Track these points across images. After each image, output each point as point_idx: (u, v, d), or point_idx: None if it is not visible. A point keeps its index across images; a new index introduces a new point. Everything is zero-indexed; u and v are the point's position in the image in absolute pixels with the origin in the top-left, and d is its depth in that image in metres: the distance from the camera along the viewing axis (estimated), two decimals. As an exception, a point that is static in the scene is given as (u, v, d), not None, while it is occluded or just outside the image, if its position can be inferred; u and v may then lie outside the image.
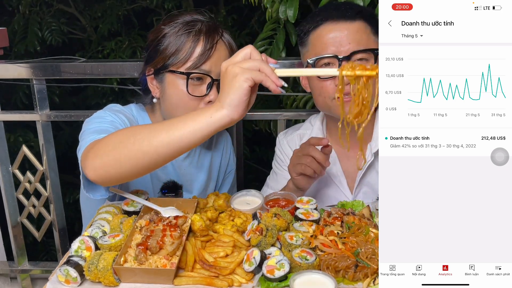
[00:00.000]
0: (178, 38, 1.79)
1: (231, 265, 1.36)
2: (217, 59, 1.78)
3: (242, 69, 1.30)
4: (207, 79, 1.78)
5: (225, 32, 1.87)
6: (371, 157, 1.90)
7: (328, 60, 1.79)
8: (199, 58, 1.77)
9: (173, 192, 1.93)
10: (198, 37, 1.78)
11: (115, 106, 1.89)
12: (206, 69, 1.77)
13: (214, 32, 1.81)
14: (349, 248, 1.41)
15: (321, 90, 1.82)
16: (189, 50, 1.77)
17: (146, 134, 1.37)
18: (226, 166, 2.14)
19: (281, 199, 1.71)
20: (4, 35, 2.62)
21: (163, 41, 1.81)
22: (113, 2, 4.61)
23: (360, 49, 1.76)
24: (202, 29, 1.80)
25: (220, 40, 1.82)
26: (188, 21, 1.82)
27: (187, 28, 1.80)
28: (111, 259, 1.32)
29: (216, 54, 1.78)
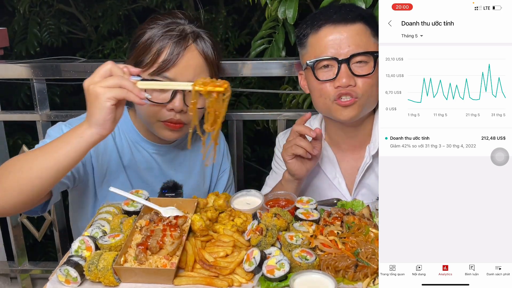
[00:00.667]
0: (150, 40, 1.73)
1: (231, 265, 1.36)
2: (185, 67, 1.71)
3: (103, 88, 1.38)
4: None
5: (204, 40, 1.77)
6: (370, 159, 1.90)
7: (327, 62, 1.78)
8: (163, 63, 1.70)
9: (173, 192, 1.93)
10: (166, 41, 1.71)
11: (77, 119, 1.86)
12: (169, 77, 1.71)
13: (184, 38, 1.72)
14: (349, 248, 1.41)
15: (321, 92, 1.82)
16: (155, 54, 1.71)
17: (28, 161, 1.46)
18: (219, 165, 2.12)
19: (281, 199, 1.71)
20: (4, 35, 2.62)
21: (138, 40, 1.77)
22: (113, 2, 4.61)
23: (359, 51, 1.75)
24: (173, 34, 1.72)
25: (191, 47, 1.73)
26: (167, 23, 1.75)
27: (162, 30, 1.73)
28: (111, 259, 1.33)
29: (183, 61, 1.71)
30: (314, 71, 1.80)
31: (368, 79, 1.77)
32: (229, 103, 1.42)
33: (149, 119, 1.77)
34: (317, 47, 1.80)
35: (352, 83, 1.75)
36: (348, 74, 1.74)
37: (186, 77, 1.70)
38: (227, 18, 4.54)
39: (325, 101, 1.83)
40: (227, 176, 2.13)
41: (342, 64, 1.74)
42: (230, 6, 4.65)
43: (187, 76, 1.71)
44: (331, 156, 1.99)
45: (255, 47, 2.59)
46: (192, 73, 1.72)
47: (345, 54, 1.75)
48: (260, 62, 2.32)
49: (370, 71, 1.76)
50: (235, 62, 2.32)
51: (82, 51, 4.70)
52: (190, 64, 1.72)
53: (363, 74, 1.76)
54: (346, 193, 1.96)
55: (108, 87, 1.38)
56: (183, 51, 1.71)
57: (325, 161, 1.99)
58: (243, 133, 2.56)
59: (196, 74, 1.72)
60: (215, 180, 2.12)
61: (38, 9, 4.51)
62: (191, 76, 1.71)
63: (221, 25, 4.45)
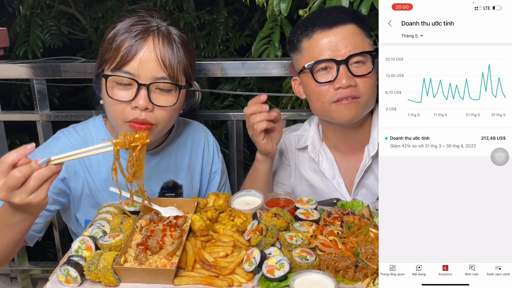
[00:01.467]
0: (113, 37, 1.66)
1: (231, 265, 1.36)
2: (145, 61, 1.62)
3: (28, 196, 1.35)
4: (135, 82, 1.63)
5: (169, 35, 1.67)
6: (369, 160, 1.90)
7: (326, 64, 1.78)
8: (121, 58, 1.62)
9: (173, 192, 1.92)
10: (126, 36, 1.64)
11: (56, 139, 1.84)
12: (130, 71, 1.62)
13: (145, 32, 1.64)
14: (349, 248, 1.41)
15: (319, 95, 1.82)
16: (115, 50, 1.64)
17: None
18: (210, 167, 2.08)
19: (281, 199, 1.71)
20: (4, 35, 2.62)
21: (105, 38, 1.71)
22: (114, 3, 4.61)
23: (356, 52, 1.76)
24: (135, 29, 1.65)
25: (150, 40, 1.63)
26: (132, 20, 1.68)
27: (125, 26, 1.66)
28: (111, 259, 1.33)
29: (142, 55, 1.61)
30: (313, 74, 1.79)
31: (367, 79, 1.77)
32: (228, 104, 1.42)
33: (116, 121, 1.69)
34: (314, 50, 1.80)
35: (353, 83, 1.75)
36: (347, 74, 1.75)
37: (147, 72, 1.61)
38: (227, 19, 4.55)
39: (323, 104, 1.83)
40: (219, 176, 2.10)
41: (341, 65, 1.74)
42: (230, 7, 4.66)
43: (149, 71, 1.62)
44: (330, 157, 1.99)
45: (256, 48, 2.59)
46: (153, 67, 1.62)
47: (343, 55, 1.75)
48: (260, 62, 2.32)
49: (369, 70, 1.77)
50: (235, 62, 2.32)
51: (82, 52, 4.71)
52: (150, 58, 1.62)
53: (362, 74, 1.76)
54: (346, 193, 1.97)
55: (32, 192, 1.35)
56: (143, 43, 1.62)
57: (324, 162, 1.99)
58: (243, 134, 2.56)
59: (158, 70, 1.63)
60: (207, 182, 2.09)
61: (39, 11, 4.51)
62: (154, 71, 1.62)
63: (222, 26, 4.45)
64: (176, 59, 1.66)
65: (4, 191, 1.34)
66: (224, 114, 2.52)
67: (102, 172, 1.84)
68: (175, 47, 1.67)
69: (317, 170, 2.02)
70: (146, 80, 1.62)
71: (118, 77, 1.63)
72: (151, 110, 1.64)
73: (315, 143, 2.02)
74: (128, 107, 1.64)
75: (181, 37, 1.70)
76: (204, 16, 4.48)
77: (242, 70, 2.32)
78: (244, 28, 4.66)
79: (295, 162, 2.10)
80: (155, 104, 1.64)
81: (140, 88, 1.62)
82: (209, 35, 4.45)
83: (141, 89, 1.62)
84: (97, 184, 1.84)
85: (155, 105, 1.64)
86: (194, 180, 2.02)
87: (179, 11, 4.54)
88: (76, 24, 4.85)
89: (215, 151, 2.10)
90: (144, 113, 1.63)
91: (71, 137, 1.83)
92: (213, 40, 4.40)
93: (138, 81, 1.62)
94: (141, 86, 1.62)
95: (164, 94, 1.66)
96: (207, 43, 4.40)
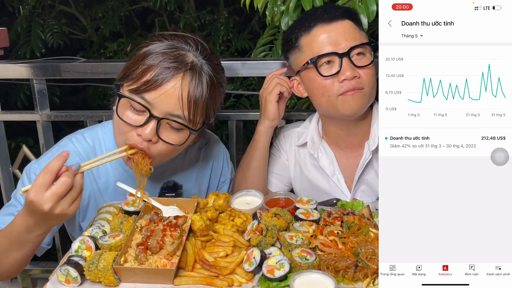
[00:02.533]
0: (144, 55, 1.59)
1: (231, 265, 1.36)
2: (166, 96, 1.54)
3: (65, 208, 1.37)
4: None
5: (201, 74, 1.60)
6: (369, 155, 1.91)
7: (329, 58, 1.80)
8: (144, 83, 1.55)
9: (173, 192, 1.92)
10: (158, 61, 1.56)
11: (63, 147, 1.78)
12: (148, 99, 1.55)
13: (179, 66, 1.56)
14: (349, 248, 1.41)
15: (324, 89, 1.82)
16: (142, 71, 1.56)
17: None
18: (219, 177, 2.06)
19: (281, 199, 1.71)
20: (4, 35, 2.62)
21: (136, 52, 1.64)
22: (114, 3, 4.61)
23: (356, 44, 1.79)
24: (169, 56, 1.57)
25: (180, 75, 1.56)
26: (169, 44, 1.61)
27: (160, 49, 1.59)
28: (111, 259, 1.33)
29: (166, 88, 1.54)
30: (318, 68, 1.81)
31: (369, 69, 1.82)
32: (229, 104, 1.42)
33: (118, 137, 1.65)
34: (314, 46, 1.82)
35: (357, 75, 1.79)
36: (351, 66, 1.78)
37: (164, 106, 1.55)
38: (228, 19, 4.55)
39: (329, 98, 1.83)
40: (226, 186, 2.09)
41: (343, 58, 1.77)
42: (231, 8, 4.66)
43: (166, 106, 1.55)
44: (330, 154, 2.00)
45: (256, 54, 2.60)
46: (171, 104, 1.55)
47: (344, 48, 1.78)
48: (260, 62, 2.32)
49: (370, 61, 1.82)
50: (235, 62, 2.32)
51: (82, 52, 4.71)
52: (173, 94, 1.55)
53: (364, 64, 1.80)
54: (345, 189, 1.97)
55: (72, 201, 1.38)
56: (171, 77, 1.55)
57: (324, 158, 2.00)
58: (243, 134, 2.56)
59: (176, 107, 1.56)
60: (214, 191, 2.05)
61: (40, 11, 4.52)
62: (171, 107, 1.55)
63: (222, 27, 4.46)
64: (201, 101, 1.60)
65: (52, 201, 1.33)
66: (224, 114, 2.52)
67: (110, 183, 1.81)
68: (204, 88, 1.60)
69: (317, 167, 2.02)
70: (160, 113, 1.56)
71: (132, 101, 1.57)
72: (155, 143, 1.60)
73: (314, 140, 2.03)
74: (133, 131, 1.58)
75: (213, 77, 1.64)
76: (204, 17, 4.48)
77: (242, 70, 2.32)
78: (245, 29, 4.67)
79: (295, 158, 2.11)
80: (161, 138, 1.59)
81: (150, 119, 1.56)
82: (210, 36, 4.46)
83: (151, 120, 1.56)
84: (104, 194, 1.82)
85: (160, 139, 1.59)
86: (201, 191, 2.01)
87: (180, 12, 4.55)
88: (76, 24, 4.86)
89: (225, 162, 2.08)
90: (146, 143, 1.59)
91: (79, 144, 1.79)
92: (213, 40, 4.41)
93: (151, 111, 1.55)
94: (152, 118, 1.56)
95: (173, 132, 1.61)
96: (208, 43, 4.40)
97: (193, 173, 1.98)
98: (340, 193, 1.97)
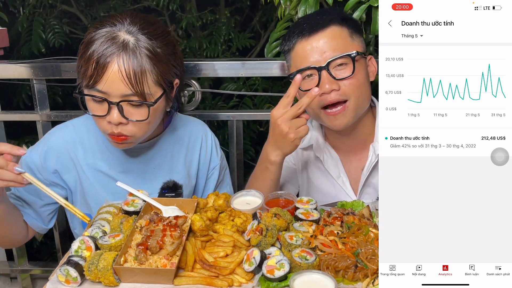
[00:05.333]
0: (83, 52, 1.65)
1: (231, 265, 1.36)
2: (113, 81, 1.59)
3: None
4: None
5: (136, 48, 1.62)
6: (375, 158, 1.90)
7: (310, 72, 1.80)
8: (90, 77, 1.61)
9: (173, 192, 1.92)
10: (93, 52, 1.61)
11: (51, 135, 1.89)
12: (101, 90, 1.61)
13: (112, 49, 1.60)
14: (349, 248, 1.41)
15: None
16: (85, 66, 1.62)
17: None
18: (208, 163, 2.07)
19: (281, 199, 1.71)
20: (4, 35, 2.62)
21: (79, 50, 1.69)
22: (116, 2, 4.61)
23: (336, 56, 1.76)
24: (101, 45, 1.61)
25: (120, 58, 1.59)
26: (102, 34, 1.63)
27: (94, 40, 1.63)
28: (111, 259, 1.33)
29: (112, 75, 1.59)
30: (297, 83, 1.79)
31: (352, 80, 1.78)
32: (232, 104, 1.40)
33: (99, 130, 1.74)
34: (297, 60, 1.83)
35: (336, 87, 1.77)
36: (329, 79, 1.76)
37: (115, 90, 1.60)
38: (229, 19, 4.55)
39: (313, 110, 1.84)
40: (217, 173, 2.09)
41: (322, 71, 1.76)
42: (232, 7, 4.66)
43: (117, 89, 1.60)
44: (334, 156, 1.99)
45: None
46: (120, 86, 1.60)
47: (323, 61, 1.77)
48: (261, 62, 2.32)
49: (351, 72, 1.77)
50: (235, 62, 2.32)
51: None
52: (116, 77, 1.59)
53: (345, 76, 1.77)
54: (351, 192, 1.96)
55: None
56: (108, 62, 1.59)
57: (329, 160, 1.99)
58: (246, 134, 2.56)
59: (125, 88, 1.60)
60: (205, 179, 2.08)
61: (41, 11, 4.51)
62: (121, 89, 1.60)
63: (224, 26, 4.46)
64: (143, 74, 1.62)
65: None
66: (224, 114, 2.52)
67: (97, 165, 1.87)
68: (142, 61, 1.62)
69: (321, 169, 2.02)
70: (115, 98, 1.62)
71: (91, 97, 1.64)
72: (126, 124, 1.66)
73: (319, 142, 2.03)
74: (104, 121, 1.67)
75: (151, 47, 1.65)
76: (206, 16, 4.48)
77: (242, 70, 2.32)
78: (246, 28, 4.67)
79: (301, 162, 2.10)
80: (128, 118, 1.65)
81: (111, 106, 1.63)
82: (211, 35, 4.46)
83: (112, 107, 1.63)
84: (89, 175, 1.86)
85: (128, 120, 1.65)
86: (191, 174, 2.01)
87: (181, 11, 4.55)
88: (77, 23, 4.85)
89: (214, 147, 2.09)
90: (119, 127, 1.66)
91: (66, 131, 1.88)
92: (215, 40, 4.41)
93: (108, 99, 1.62)
94: (111, 104, 1.62)
95: (136, 109, 1.65)
96: (209, 43, 4.41)
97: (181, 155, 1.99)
98: (346, 196, 1.96)
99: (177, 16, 4.50)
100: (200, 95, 2.38)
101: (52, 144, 1.84)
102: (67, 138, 1.86)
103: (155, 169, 1.94)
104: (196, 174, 2.03)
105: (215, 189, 2.06)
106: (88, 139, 1.87)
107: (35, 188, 1.63)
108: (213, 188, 2.07)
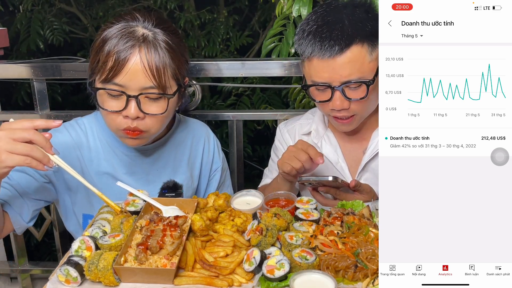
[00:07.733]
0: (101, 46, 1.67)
1: (231, 265, 1.36)
2: (134, 73, 1.63)
3: (7, 154, 1.40)
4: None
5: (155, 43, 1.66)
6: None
7: (321, 87, 1.81)
8: (109, 70, 1.63)
9: (173, 192, 1.92)
10: (112, 46, 1.64)
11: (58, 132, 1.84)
12: (119, 83, 1.63)
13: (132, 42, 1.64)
14: (349, 248, 1.41)
15: (318, 105, 1.91)
16: (102, 60, 1.65)
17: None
18: (210, 165, 2.09)
19: (281, 199, 1.71)
20: (4, 35, 2.62)
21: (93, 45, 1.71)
22: (115, 1, 4.61)
23: (352, 80, 1.74)
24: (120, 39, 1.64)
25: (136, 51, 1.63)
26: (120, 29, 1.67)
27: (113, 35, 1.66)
28: (111, 259, 1.33)
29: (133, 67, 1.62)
30: (310, 92, 1.85)
31: (363, 100, 1.79)
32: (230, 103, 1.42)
33: (111, 127, 1.75)
34: (312, 72, 1.81)
35: (346, 106, 1.80)
36: (341, 98, 1.78)
37: (135, 83, 1.63)
38: (228, 18, 4.56)
39: (324, 112, 1.93)
40: (219, 174, 2.10)
41: (335, 91, 1.78)
42: (230, 7, 4.66)
43: (137, 82, 1.63)
44: (334, 143, 2.02)
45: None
46: (141, 78, 1.63)
47: (338, 81, 1.76)
48: (260, 62, 2.32)
49: (364, 95, 1.77)
50: (235, 61, 2.32)
51: (83, 51, 4.71)
52: (137, 69, 1.63)
53: (357, 98, 1.78)
54: (349, 177, 1.99)
55: (14, 153, 1.40)
56: (129, 54, 1.62)
57: (328, 146, 2.02)
58: (244, 133, 2.56)
59: (145, 80, 1.64)
60: (206, 181, 2.09)
61: (40, 8, 4.52)
62: (141, 82, 1.63)
63: (222, 25, 4.46)
64: (164, 67, 1.66)
65: (5, 131, 1.40)
66: (224, 114, 2.52)
67: (102, 166, 1.87)
68: (162, 54, 1.66)
69: None
70: (134, 91, 1.64)
71: (108, 90, 1.65)
72: (143, 118, 1.68)
73: (319, 129, 2.06)
74: (120, 116, 1.68)
75: (168, 42, 1.69)
76: (204, 15, 4.49)
77: (242, 70, 2.32)
78: (245, 28, 4.67)
79: None
80: (145, 113, 1.67)
81: (129, 99, 1.64)
82: (210, 34, 4.47)
83: (130, 100, 1.65)
84: (93, 176, 1.86)
85: (146, 114, 1.67)
86: (193, 176, 2.02)
87: (180, 10, 4.55)
88: (77, 23, 4.85)
89: (216, 149, 2.10)
90: (135, 121, 1.67)
91: (72, 130, 1.88)
92: (213, 39, 4.42)
93: (127, 92, 1.64)
94: (130, 98, 1.64)
95: (154, 102, 1.68)
96: (208, 42, 4.41)
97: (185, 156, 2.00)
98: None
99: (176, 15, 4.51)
100: (200, 95, 2.38)
101: (58, 143, 1.79)
102: (73, 137, 1.86)
103: (159, 170, 1.94)
104: (199, 176, 2.04)
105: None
106: (93, 140, 1.88)
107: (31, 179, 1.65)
108: (215, 190, 2.07)
